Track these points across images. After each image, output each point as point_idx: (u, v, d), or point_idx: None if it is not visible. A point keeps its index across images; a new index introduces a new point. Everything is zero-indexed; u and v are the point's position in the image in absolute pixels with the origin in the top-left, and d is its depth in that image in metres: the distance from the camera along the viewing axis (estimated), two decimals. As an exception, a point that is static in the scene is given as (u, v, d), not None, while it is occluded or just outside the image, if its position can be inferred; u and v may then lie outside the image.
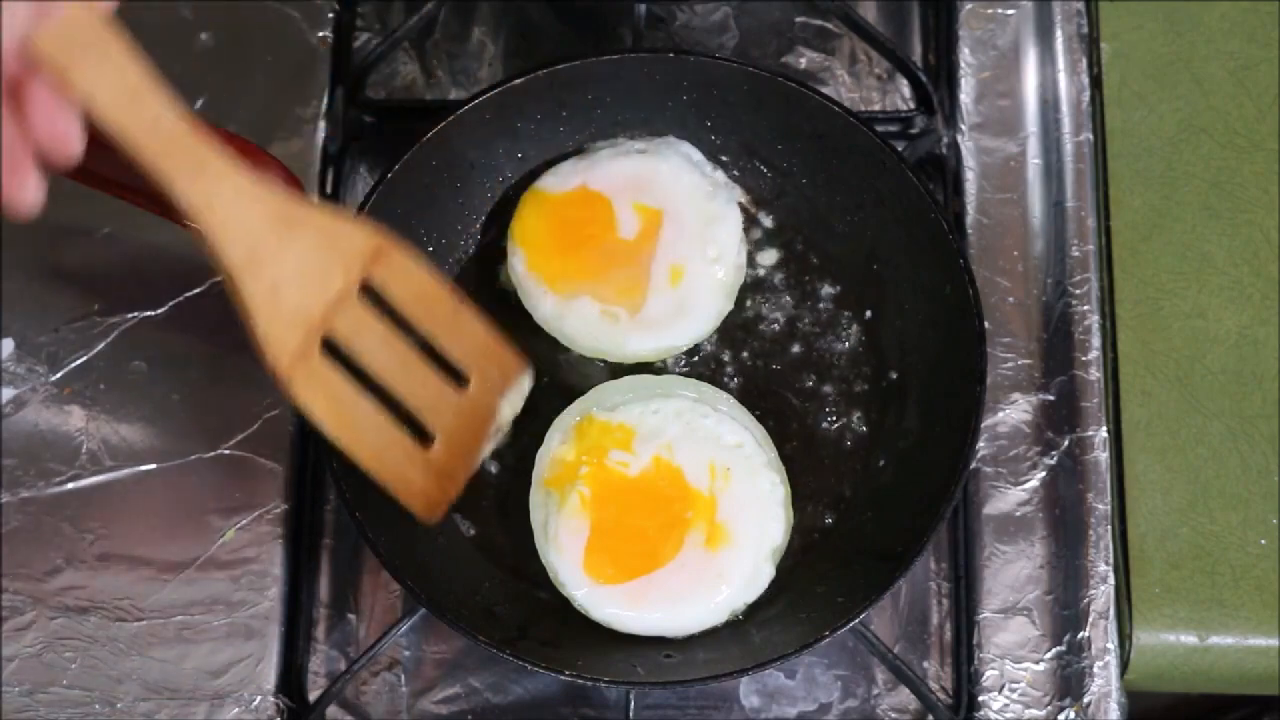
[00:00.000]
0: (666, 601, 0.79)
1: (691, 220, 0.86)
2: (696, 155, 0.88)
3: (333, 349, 0.74)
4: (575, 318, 0.85)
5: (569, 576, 0.79)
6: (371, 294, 0.75)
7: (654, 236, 0.85)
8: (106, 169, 0.78)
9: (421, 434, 0.78)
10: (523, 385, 0.81)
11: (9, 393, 0.87)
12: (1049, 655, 0.84)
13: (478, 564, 0.83)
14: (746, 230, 0.88)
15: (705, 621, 0.80)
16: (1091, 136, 0.92)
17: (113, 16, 0.61)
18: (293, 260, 0.71)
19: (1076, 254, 0.89)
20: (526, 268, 0.85)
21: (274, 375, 0.73)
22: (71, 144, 0.61)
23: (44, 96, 0.61)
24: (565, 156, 0.89)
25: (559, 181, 0.87)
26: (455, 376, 0.78)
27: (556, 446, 0.81)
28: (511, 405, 0.81)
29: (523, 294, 0.86)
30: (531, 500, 0.81)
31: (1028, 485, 0.87)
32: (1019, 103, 0.94)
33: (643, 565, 0.79)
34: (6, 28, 0.56)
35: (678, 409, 0.81)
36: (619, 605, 0.79)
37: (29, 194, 0.61)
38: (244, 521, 0.85)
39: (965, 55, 0.94)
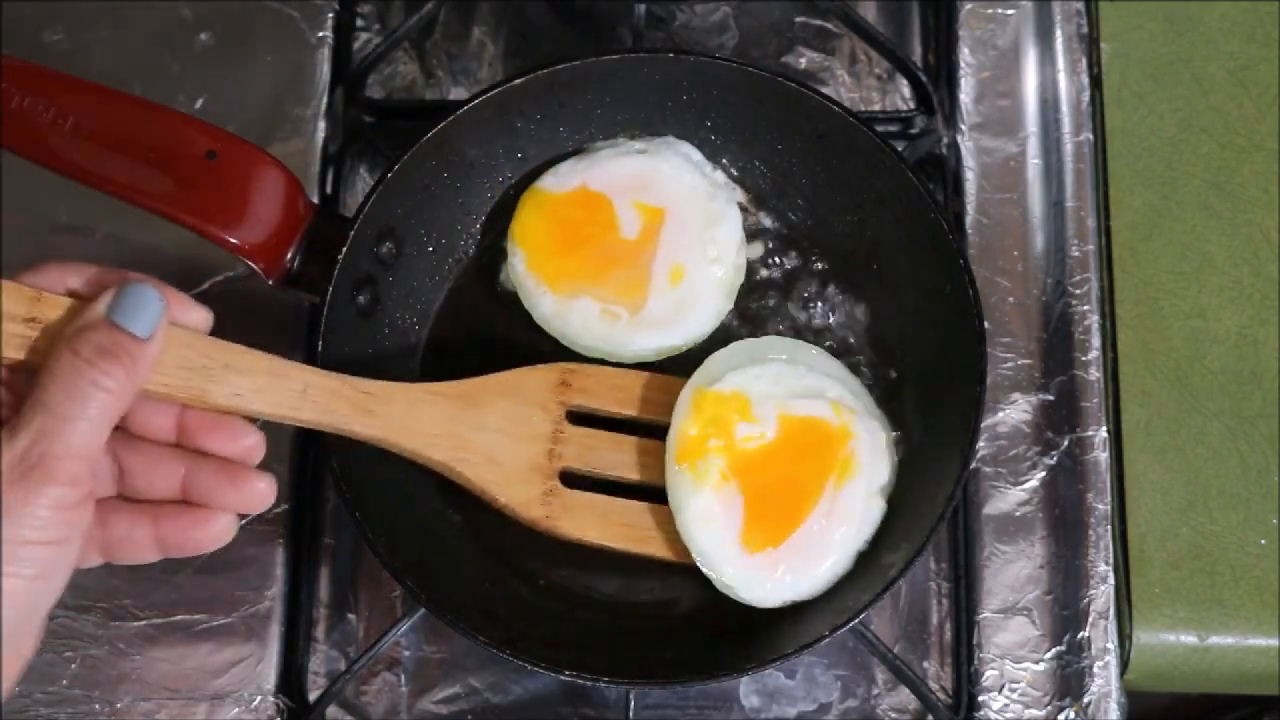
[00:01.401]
0: (805, 559, 0.78)
1: (692, 220, 0.86)
2: (696, 155, 0.88)
3: (579, 478, 0.80)
4: (575, 317, 0.85)
5: (721, 552, 0.78)
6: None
7: (655, 236, 0.85)
8: (106, 169, 0.78)
9: None
10: None
11: (9, 393, 0.87)
12: (1049, 655, 0.84)
13: (478, 564, 0.83)
14: (746, 230, 0.88)
15: (837, 571, 0.79)
16: (1091, 136, 0.92)
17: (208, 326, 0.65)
18: (493, 428, 0.77)
19: (1076, 254, 0.89)
20: (526, 268, 0.85)
21: (537, 527, 0.78)
22: (258, 452, 0.66)
23: (209, 426, 0.64)
24: (565, 156, 0.89)
25: (559, 181, 0.87)
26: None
27: (680, 423, 0.80)
28: None
29: (523, 294, 0.86)
30: (669, 485, 0.80)
31: (1028, 485, 0.87)
32: (1019, 103, 0.94)
33: (794, 518, 0.78)
34: (107, 401, 0.58)
35: (776, 373, 0.81)
36: (767, 574, 0.78)
37: (268, 487, 0.65)
38: (244, 521, 0.85)
39: (965, 55, 0.94)
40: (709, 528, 0.78)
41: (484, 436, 0.77)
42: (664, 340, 0.85)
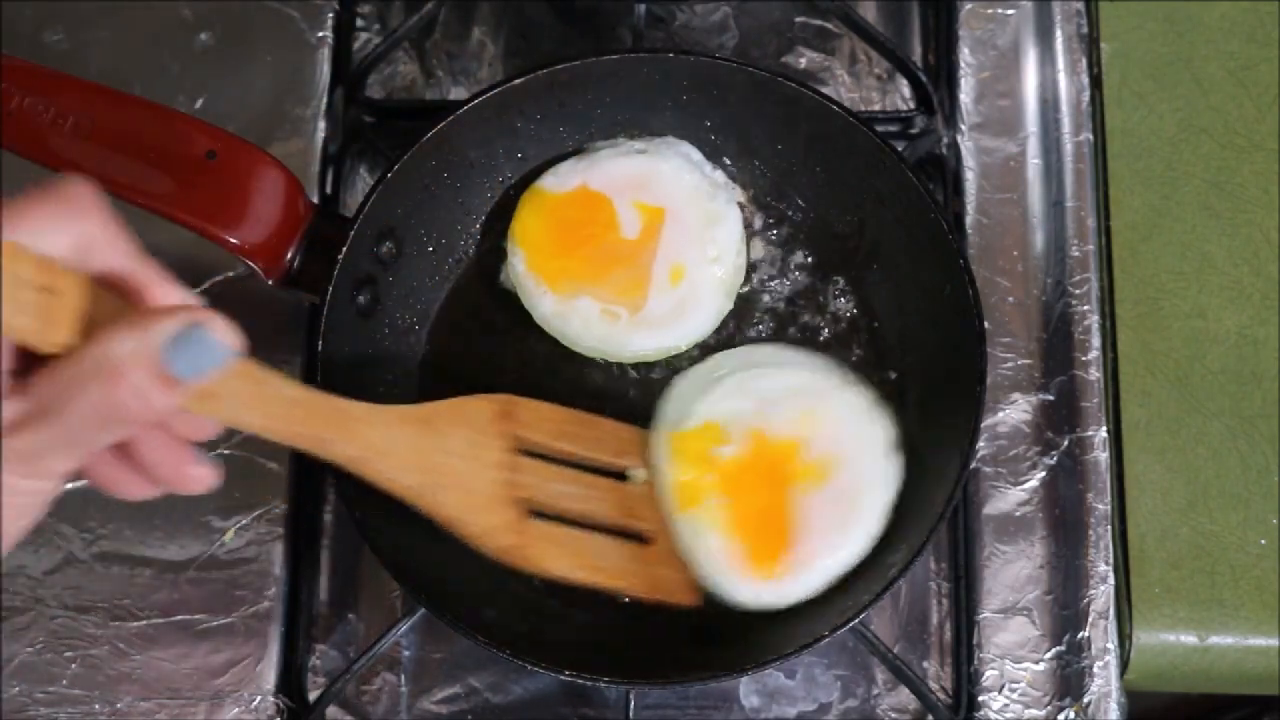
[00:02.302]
0: (829, 549, 0.78)
1: (692, 220, 0.86)
2: (696, 155, 0.88)
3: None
4: (576, 317, 0.85)
5: (742, 585, 0.78)
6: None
7: (656, 235, 0.85)
8: (106, 169, 0.78)
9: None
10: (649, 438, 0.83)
11: (9, 393, 0.87)
12: (1049, 655, 0.84)
13: (477, 563, 0.82)
14: (746, 230, 0.88)
15: (874, 533, 0.79)
16: (1091, 136, 0.92)
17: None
18: (457, 454, 0.73)
19: (1076, 254, 0.89)
20: (526, 268, 0.85)
21: (508, 558, 0.75)
22: (211, 428, 0.61)
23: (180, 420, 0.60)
24: (565, 156, 0.89)
25: (559, 181, 0.87)
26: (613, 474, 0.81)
27: (670, 473, 0.80)
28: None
29: (523, 294, 0.86)
30: (677, 535, 0.80)
31: (1028, 485, 0.87)
32: (1019, 103, 0.94)
33: (796, 529, 0.78)
34: (123, 433, 0.56)
35: (737, 384, 0.82)
36: (791, 581, 0.78)
37: (206, 475, 0.61)
38: (244, 521, 0.85)
39: (965, 55, 0.94)
40: (722, 567, 0.78)
41: (451, 461, 0.73)
42: (664, 340, 0.85)
